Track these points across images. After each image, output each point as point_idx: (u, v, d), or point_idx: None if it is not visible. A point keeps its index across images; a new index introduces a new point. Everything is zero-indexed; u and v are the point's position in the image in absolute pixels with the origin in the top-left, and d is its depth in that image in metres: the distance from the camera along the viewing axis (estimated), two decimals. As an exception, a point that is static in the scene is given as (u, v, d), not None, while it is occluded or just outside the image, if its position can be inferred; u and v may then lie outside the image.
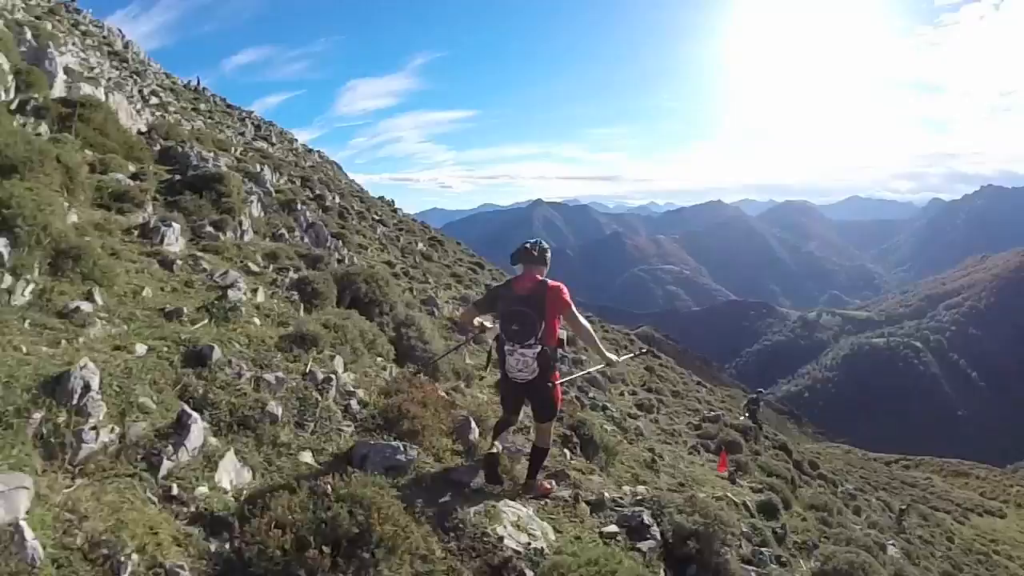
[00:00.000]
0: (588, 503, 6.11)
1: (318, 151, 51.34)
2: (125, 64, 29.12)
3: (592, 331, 5.51)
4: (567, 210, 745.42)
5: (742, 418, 21.61)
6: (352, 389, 5.96)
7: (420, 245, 27.41)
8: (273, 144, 35.62)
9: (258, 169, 17.03)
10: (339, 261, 11.72)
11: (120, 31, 36.91)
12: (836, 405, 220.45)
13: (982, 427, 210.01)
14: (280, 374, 5.35)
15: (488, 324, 6.31)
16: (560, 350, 5.58)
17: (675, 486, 9.31)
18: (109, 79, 19.82)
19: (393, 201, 45.69)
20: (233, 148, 21.29)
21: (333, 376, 5.78)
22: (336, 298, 8.19)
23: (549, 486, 6.07)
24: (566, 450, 7.89)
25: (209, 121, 29.76)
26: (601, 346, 5.77)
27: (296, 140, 47.11)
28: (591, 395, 13.07)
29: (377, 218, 29.37)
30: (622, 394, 16.11)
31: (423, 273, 18.36)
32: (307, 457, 4.75)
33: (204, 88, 42.55)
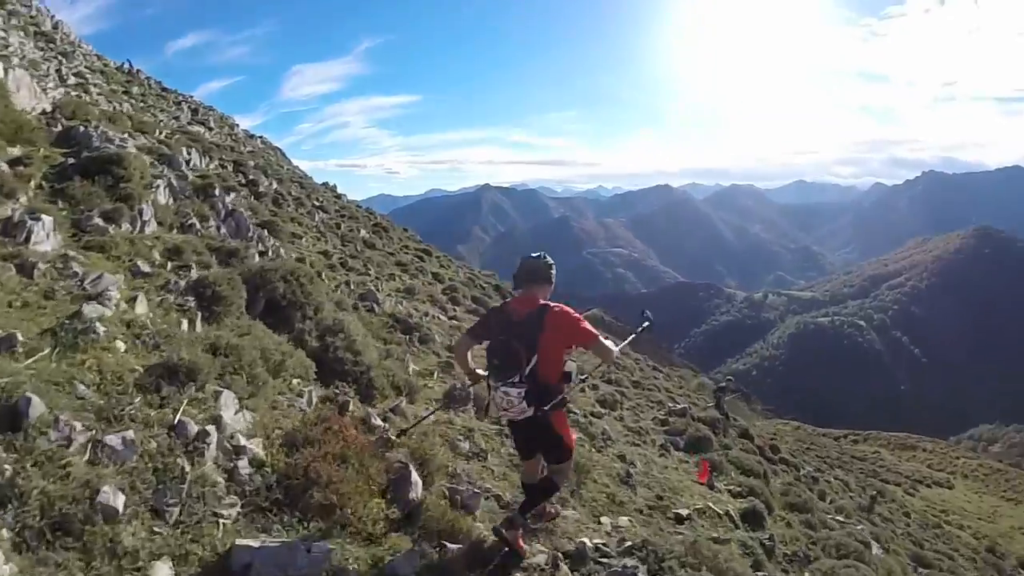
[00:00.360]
0: (567, 557, 4.95)
1: (260, 137, 49.13)
2: (52, 45, 26.96)
3: (616, 349, 4.83)
4: (515, 195, 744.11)
5: (710, 408, 20.88)
6: (243, 443, 4.33)
7: (363, 232, 25.75)
8: (211, 129, 33.51)
9: (184, 152, 15.30)
10: (261, 254, 10.13)
11: (49, 11, 34.26)
12: (783, 383, 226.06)
13: (925, 402, 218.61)
14: (131, 433, 3.65)
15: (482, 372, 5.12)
16: (567, 384, 4.71)
17: (653, 500, 8.18)
18: (24, 57, 17.89)
19: (336, 187, 43.97)
20: (157, 131, 19.38)
21: (214, 426, 4.17)
22: (246, 302, 6.68)
23: (554, 511, 5.65)
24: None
25: (141, 104, 27.65)
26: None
27: (237, 126, 44.84)
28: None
29: (317, 204, 27.64)
30: (583, 389, 14.85)
31: (364, 263, 16.82)
32: (163, 571, 3.16)
33: (138, 71, 40.08)
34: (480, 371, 5.05)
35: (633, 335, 6.49)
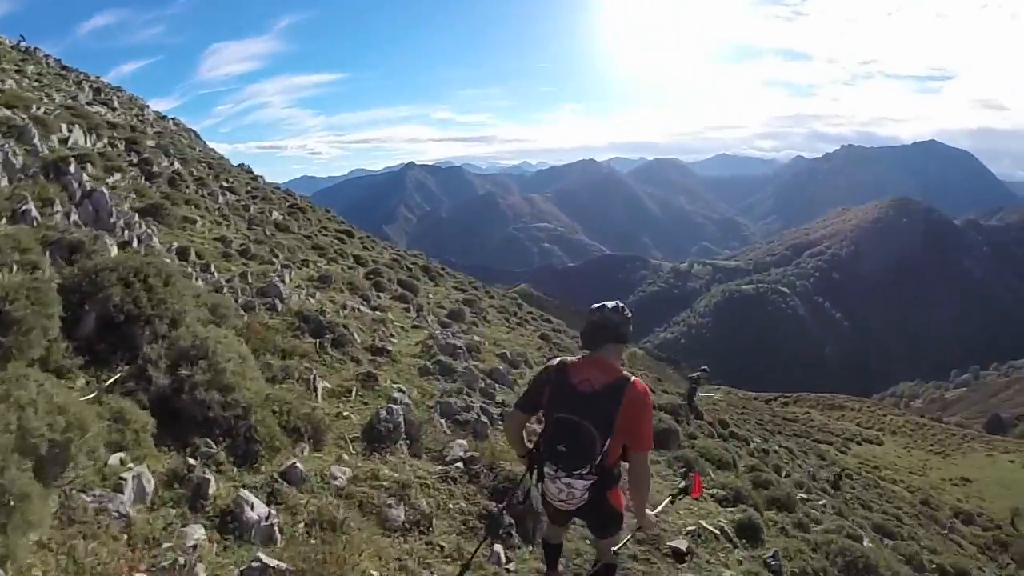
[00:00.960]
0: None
1: (173, 118, 45.68)
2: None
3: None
4: (440, 172, 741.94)
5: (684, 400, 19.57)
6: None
7: (275, 215, 23.22)
8: (115, 109, 30.18)
9: (63, 130, 12.77)
10: (123, 246, 7.86)
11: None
12: (711, 349, 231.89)
13: (848, 362, 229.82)
14: None
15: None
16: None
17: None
18: None
19: (251, 168, 41.60)
20: (35, 106, 16.57)
21: None
22: (71, 320, 4.49)
23: None
24: (497, 546, 5.04)
25: (35, 83, 24.51)
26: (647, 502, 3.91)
27: (147, 107, 41.40)
28: (498, 399, 9.96)
29: (226, 186, 24.96)
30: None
31: (271, 249, 14.51)
32: None
33: (35, 49, 36.58)
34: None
35: (670, 497, 4.80)
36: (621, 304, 3.95)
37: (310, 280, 13.18)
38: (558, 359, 3.92)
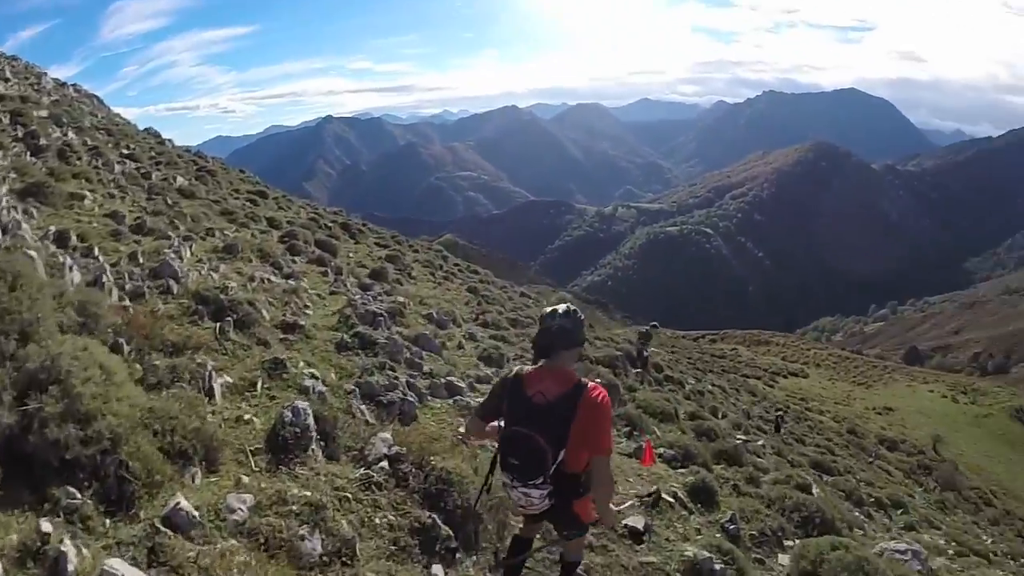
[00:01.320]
0: None
1: (74, 85, 42.52)
2: None
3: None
4: (359, 124, 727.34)
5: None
6: None
7: (180, 181, 21.75)
8: (7, 80, 27.70)
9: None
10: (-17, 232, 6.85)
11: None
12: (638, 291, 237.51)
13: (770, 298, 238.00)
14: None
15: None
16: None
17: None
18: None
19: (159, 132, 39.76)
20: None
21: None
22: None
23: None
24: (435, 568, 4.67)
25: None
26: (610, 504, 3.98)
27: (45, 75, 38.26)
28: (426, 370, 9.36)
29: (127, 153, 23.28)
30: (460, 345, 12.47)
31: (171, 220, 13.35)
32: None
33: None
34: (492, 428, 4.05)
35: (631, 502, 5.75)
36: (572, 308, 3.92)
37: (214, 252, 12.15)
38: (515, 369, 3.91)
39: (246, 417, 5.35)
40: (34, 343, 3.94)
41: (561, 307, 3.90)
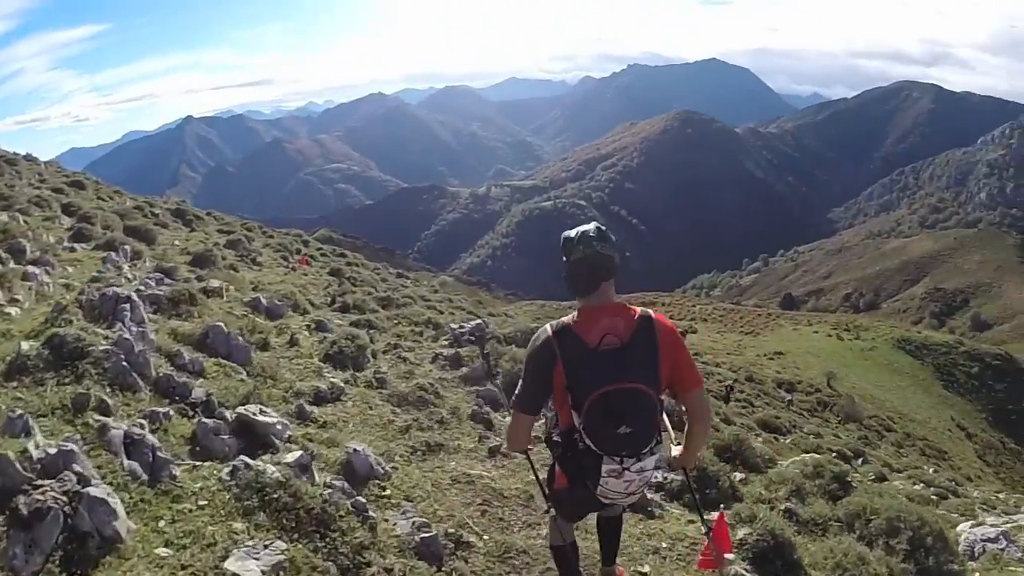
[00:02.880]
0: None
1: None
2: None
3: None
4: (221, 123, 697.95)
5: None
6: None
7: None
8: None
9: None
10: None
11: None
12: (518, 267, 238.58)
13: (649, 262, 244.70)
14: None
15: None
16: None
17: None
18: None
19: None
20: None
21: None
22: None
23: None
24: None
25: None
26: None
27: None
28: (195, 396, 5.16)
29: None
30: (292, 342, 8.26)
31: None
32: None
33: None
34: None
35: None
36: (600, 226, 3.12)
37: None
38: (551, 325, 3.01)
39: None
40: None
41: (589, 229, 3.09)
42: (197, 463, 4.22)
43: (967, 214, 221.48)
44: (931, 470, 21.59)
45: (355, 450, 4.84)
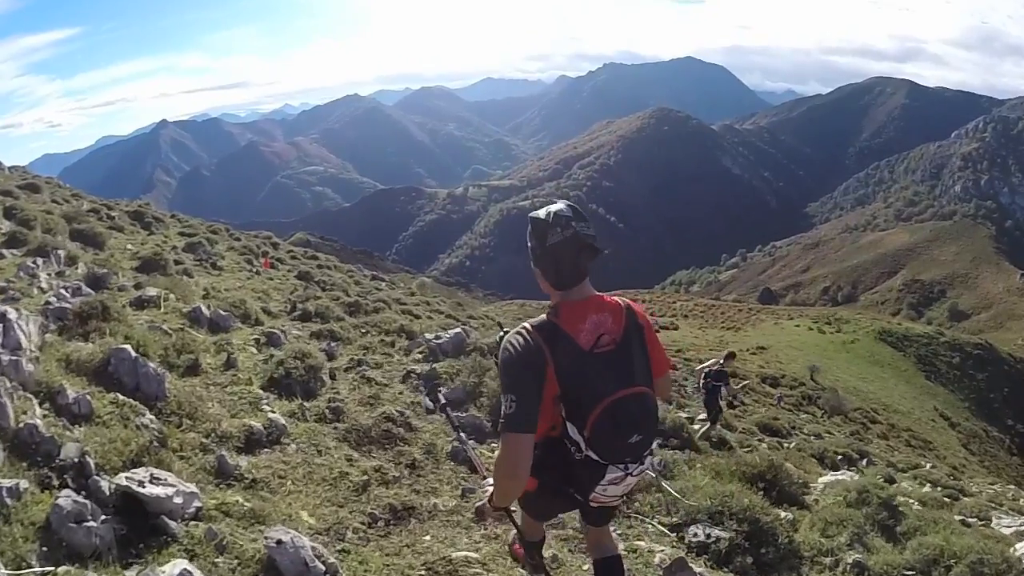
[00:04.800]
0: None
1: None
2: None
3: None
4: (196, 127, 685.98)
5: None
6: None
7: None
8: None
9: None
10: None
11: None
12: (496, 267, 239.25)
13: (628, 259, 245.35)
14: None
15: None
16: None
17: None
18: None
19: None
20: None
21: None
22: None
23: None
24: None
25: None
26: None
27: None
28: (61, 459, 3.82)
29: None
30: (228, 363, 6.80)
31: None
32: None
33: None
34: None
35: None
36: (571, 203, 2.78)
37: None
38: (531, 325, 2.61)
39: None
40: None
41: (560, 205, 2.73)
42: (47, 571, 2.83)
43: (942, 207, 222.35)
44: (928, 465, 22.08)
45: (279, 542, 3.33)
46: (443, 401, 3.82)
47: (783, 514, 5.68)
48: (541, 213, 2.73)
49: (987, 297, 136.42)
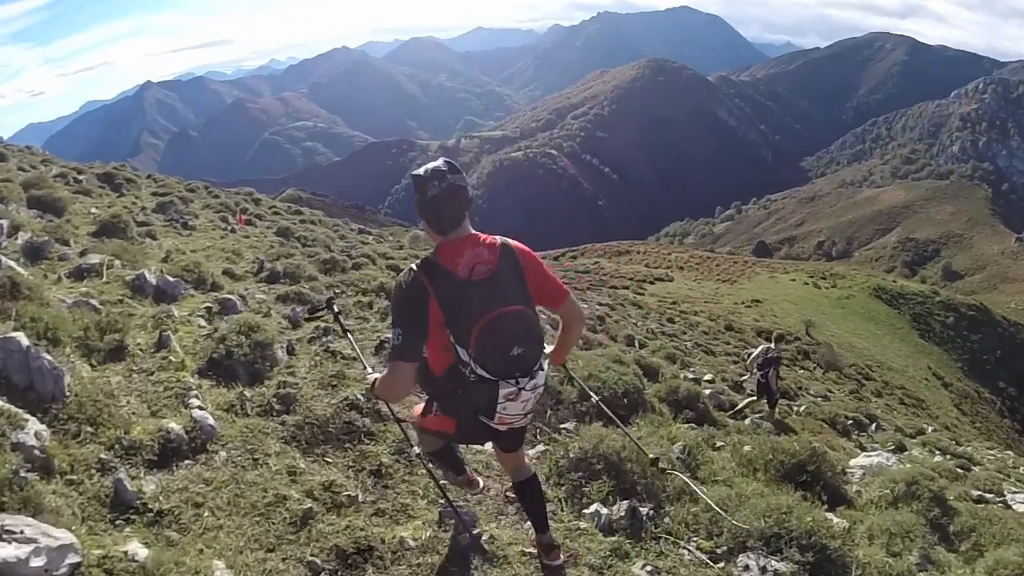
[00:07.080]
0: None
1: None
2: None
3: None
4: (181, 87, 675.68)
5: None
6: None
7: None
8: None
9: None
10: None
11: None
12: (490, 219, 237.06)
13: (622, 210, 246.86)
14: None
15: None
16: None
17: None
18: None
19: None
20: None
21: None
22: None
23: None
24: None
25: None
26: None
27: None
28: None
29: None
30: (160, 344, 5.64)
31: None
32: None
33: None
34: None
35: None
36: (448, 160, 3.00)
37: None
38: (416, 264, 2.91)
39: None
40: None
41: (439, 162, 2.95)
42: None
43: (939, 166, 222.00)
44: (930, 429, 22.22)
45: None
46: (337, 310, 3.94)
47: (835, 520, 4.76)
48: (421, 171, 2.93)
49: (981, 258, 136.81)
